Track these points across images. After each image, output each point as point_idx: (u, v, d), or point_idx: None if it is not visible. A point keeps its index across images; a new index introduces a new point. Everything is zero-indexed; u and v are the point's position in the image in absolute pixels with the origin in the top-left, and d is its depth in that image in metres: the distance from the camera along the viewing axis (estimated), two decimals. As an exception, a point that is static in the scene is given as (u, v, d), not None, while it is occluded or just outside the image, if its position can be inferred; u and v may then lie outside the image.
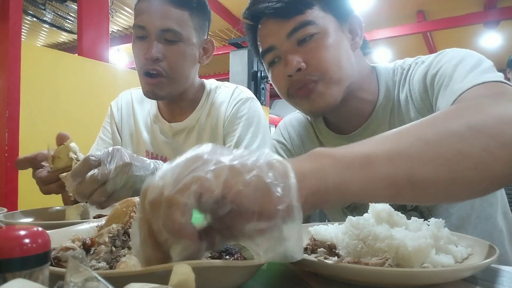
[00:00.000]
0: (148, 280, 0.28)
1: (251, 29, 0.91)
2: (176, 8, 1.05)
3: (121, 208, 0.53)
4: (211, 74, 9.35)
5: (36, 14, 4.74)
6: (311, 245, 0.60)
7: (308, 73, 0.81)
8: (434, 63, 0.79)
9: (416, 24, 6.52)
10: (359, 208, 0.93)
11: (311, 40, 0.81)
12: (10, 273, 0.27)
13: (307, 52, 0.81)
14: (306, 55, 0.81)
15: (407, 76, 0.86)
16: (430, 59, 0.82)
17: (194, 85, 1.19)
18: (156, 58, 1.04)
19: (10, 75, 2.24)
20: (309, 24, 0.81)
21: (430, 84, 0.79)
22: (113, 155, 0.79)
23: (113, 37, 6.81)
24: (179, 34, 1.05)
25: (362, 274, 0.46)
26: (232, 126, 1.16)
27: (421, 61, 0.85)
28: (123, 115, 1.28)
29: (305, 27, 0.81)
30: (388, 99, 0.88)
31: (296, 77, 0.82)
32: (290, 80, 0.83)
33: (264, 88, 5.74)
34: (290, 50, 0.82)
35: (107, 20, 3.31)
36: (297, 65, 0.80)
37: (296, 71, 0.81)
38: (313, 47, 0.81)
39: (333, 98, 0.82)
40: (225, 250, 0.50)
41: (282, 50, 0.84)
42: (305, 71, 0.81)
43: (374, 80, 0.90)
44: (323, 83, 0.81)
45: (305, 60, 0.81)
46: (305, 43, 0.81)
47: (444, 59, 0.77)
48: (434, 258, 0.51)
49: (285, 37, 0.82)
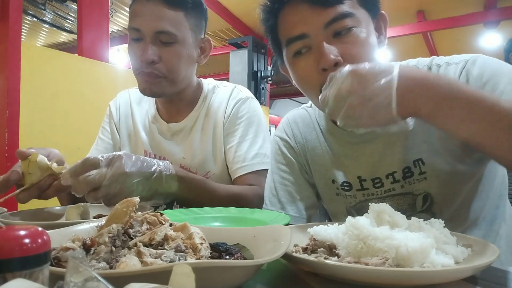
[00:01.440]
0: (148, 280, 0.28)
1: (271, 13, 0.84)
2: (170, 9, 1.04)
3: (121, 208, 0.53)
4: (211, 74, 9.34)
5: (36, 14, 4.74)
6: (311, 245, 0.60)
7: None
8: (474, 76, 0.76)
9: (416, 24, 6.51)
10: (364, 209, 0.92)
11: (348, 34, 0.77)
12: (10, 273, 0.27)
13: (344, 46, 0.77)
14: (343, 49, 0.76)
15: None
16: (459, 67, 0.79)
17: (192, 85, 1.19)
18: (152, 60, 1.03)
19: (10, 75, 2.24)
20: (349, 16, 0.76)
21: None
22: (112, 162, 0.79)
23: (113, 37, 6.80)
24: (174, 35, 1.04)
25: (362, 274, 0.46)
26: (232, 127, 1.15)
27: (446, 63, 0.82)
28: (121, 115, 1.28)
29: (344, 19, 0.76)
30: None
31: (331, 72, 0.76)
32: (324, 75, 0.75)
33: (264, 88, 5.74)
34: (326, 41, 0.77)
35: (107, 20, 3.31)
36: (334, 59, 0.75)
37: (334, 65, 0.76)
38: (349, 41, 0.77)
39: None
40: (225, 250, 0.50)
41: (316, 40, 0.78)
42: (342, 66, 0.76)
43: None
44: None
45: (342, 55, 0.76)
46: (341, 36, 0.77)
47: (486, 75, 0.75)
48: (434, 258, 0.51)
49: (322, 27, 0.77)
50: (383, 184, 0.87)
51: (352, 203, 0.93)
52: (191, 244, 0.48)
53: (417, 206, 0.86)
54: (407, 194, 0.86)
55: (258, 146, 1.14)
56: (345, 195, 0.93)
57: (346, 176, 0.92)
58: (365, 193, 0.90)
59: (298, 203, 0.98)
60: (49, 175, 0.82)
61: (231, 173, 1.14)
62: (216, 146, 1.16)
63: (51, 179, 0.83)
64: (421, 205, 0.86)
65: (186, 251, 0.47)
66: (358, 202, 0.92)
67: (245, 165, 1.11)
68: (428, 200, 0.85)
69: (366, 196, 0.90)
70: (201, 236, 0.50)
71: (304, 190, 0.99)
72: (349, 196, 0.92)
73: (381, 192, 0.88)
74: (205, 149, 1.16)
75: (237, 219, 0.80)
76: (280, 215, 0.79)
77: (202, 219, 0.80)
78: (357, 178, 0.90)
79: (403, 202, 0.86)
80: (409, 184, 0.85)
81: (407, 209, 0.86)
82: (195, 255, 0.47)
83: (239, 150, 1.13)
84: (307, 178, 1.00)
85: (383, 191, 0.88)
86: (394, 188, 0.86)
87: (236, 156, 1.13)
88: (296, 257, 0.51)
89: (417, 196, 0.85)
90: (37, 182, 0.81)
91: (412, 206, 0.86)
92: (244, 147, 1.13)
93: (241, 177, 1.11)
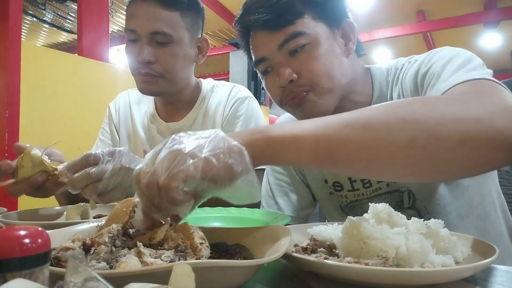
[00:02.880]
0: (148, 280, 0.28)
1: (243, 37, 0.90)
2: (165, 9, 1.04)
3: (121, 208, 0.53)
4: (210, 74, 9.35)
5: (36, 14, 4.74)
6: (311, 245, 0.60)
7: (300, 84, 0.81)
8: (425, 62, 0.79)
9: (416, 24, 6.52)
10: (356, 208, 0.94)
11: (302, 51, 0.81)
12: (10, 273, 0.27)
13: (299, 63, 0.81)
14: (297, 66, 0.81)
15: (400, 75, 0.86)
16: (422, 58, 0.82)
17: (191, 84, 1.19)
18: (148, 61, 1.04)
19: (10, 75, 2.24)
20: (300, 35, 0.80)
21: (420, 83, 0.79)
22: (113, 156, 0.79)
23: (113, 37, 6.81)
24: (169, 35, 1.04)
25: (362, 274, 0.46)
26: (231, 126, 1.16)
27: (414, 60, 0.85)
28: (120, 115, 1.28)
29: (295, 38, 0.80)
30: (381, 99, 0.88)
31: (288, 88, 0.82)
32: (283, 90, 0.84)
33: (264, 88, 5.74)
34: (281, 61, 0.82)
35: (107, 20, 3.31)
36: (288, 77, 0.80)
37: (289, 82, 0.81)
38: (304, 58, 0.81)
39: (325, 107, 0.83)
40: (225, 250, 0.50)
41: (274, 61, 0.84)
42: (297, 82, 0.81)
43: (368, 82, 0.90)
44: (314, 93, 0.82)
45: (297, 71, 0.81)
46: (297, 53, 0.81)
47: (434, 58, 0.78)
48: (434, 258, 0.51)
49: (277, 48, 0.82)
50: (371, 184, 0.90)
51: (344, 203, 0.96)
52: (191, 244, 0.48)
53: (404, 203, 0.88)
54: (394, 191, 0.89)
55: None
56: (337, 195, 0.96)
57: (337, 177, 0.94)
58: (355, 193, 0.93)
59: (294, 203, 1.01)
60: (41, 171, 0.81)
61: None
62: None
63: (44, 176, 0.82)
64: (407, 202, 0.88)
65: (186, 251, 0.47)
66: (350, 202, 0.95)
67: None
68: (411, 196, 0.87)
69: (357, 197, 0.93)
70: (201, 236, 0.50)
71: (299, 190, 1.02)
72: (340, 196, 0.95)
73: (370, 192, 0.91)
74: None
75: (237, 219, 0.80)
76: (280, 215, 0.79)
77: (202, 219, 0.80)
78: (348, 179, 0.93)
79: (391, 200, 0.89)
80: (393, 182, 0.87)
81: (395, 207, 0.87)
82: (195, 255, 0.47)
83: None
84: (302, 178, 1.02)
85: (371, 190, 0.91)
86: (381, 187, 0.89)
87: None
88: (296, 257, 0.51)
89: (403, 193, 0.88)
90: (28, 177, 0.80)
91: (400, 204, 0.88)
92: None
93: None
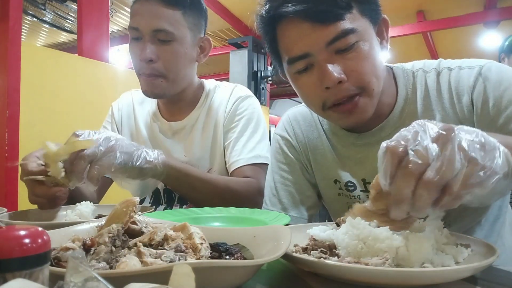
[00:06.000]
0: (148, 280, 0.28)
1: (269, 25, 0.80)
2: (168, 8, 1.06)
3: (121, 208, 0.53)
4: (211, 74, 9.34)
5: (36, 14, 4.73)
6: (311, 245, 0.60)
7: (348, 86, 0.75)
8: (493, 87, 0.75)
9: (416, 24, 6.51)
10: None
11: (351, 50, 0.74)
12: (10, 273, 0.27)
13: (348, 63, 0.74)
14: (346, 66, 0.74)
15: (440, 79, 0.82)
16: (490, 81, 0.76)
17: (193, 84, 1.20)
18: (150, 59, 1.05)
19: (10, 75, 2.24)
20: (351, 32, 0.73)
21: (483, 105, 0.75)
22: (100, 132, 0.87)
23: (113, 37, 6.80)
24: (171, 34, 1.06)
25: (362, 274, 0.46)
26: (232, 123, 1.17)
27: (458, 67, 0.80)
28: (123, 115, 1.30)
29: (346, 36, 0.73)
30: (407, 103, 0.84)
31: (335, 90, 0.75)
32: (328, 93, 0.75)
33: (264, 88, 5.74)
34: (328, 59, 0.74)
35: (107, 20, 3.31)
36: (338, 78, 0.73)
37: (337, 83, 0.74)
38: (353, 58, 0.74)
39: (372, 110, 0.78)
40: (225, 250, 0.50)
41: (319, 58, 0.75)
42: (346, 83, 0.74)
43: (392, 82, 0.87)
44: (365, 96, 0.76)
45: (346, 72, 0.74)
46: (345, 52, 0.74)
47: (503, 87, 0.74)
48: (434, 258, 0.51)
49: (324, 45, 0.74)
50: None
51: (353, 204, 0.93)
52: (191, 244, 0.48)
53: None
54: None
55: (256, 141, 1.15)
56: (348, 195, 0.92)
57: (351, 176, 0.91)
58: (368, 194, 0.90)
59: (299, 204, 0.97)
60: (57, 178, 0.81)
61: (228, 168, 1.15)
62: (217, 144, 1.18)
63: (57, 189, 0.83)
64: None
65: (186, 251, 0.47)
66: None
67: (241, 158, 1.12)
68: None
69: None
70: (201, 236, 0.50)
71: (305, 190, 0.98)
72: (352, 197, 0.92)
73: None
74: (206, 147, 1.18)
75: (237, 219, 0.80)
76: (280, 215, 0.79)
77: (202, 219, 0.80)
78: (361, 180, 0.90)
79: None
80: None
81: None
82: (195, 255, 0.47)
83: (236, 145, 1.14)
84: (308, 178, 0.99)
85: None
86: None
87: (233, 151, 1.14)
88: (296, 257, 0.51)
89: None
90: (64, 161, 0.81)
91: None
92: (241, 142, 1.14)
93: (236, 169, 1.11)
